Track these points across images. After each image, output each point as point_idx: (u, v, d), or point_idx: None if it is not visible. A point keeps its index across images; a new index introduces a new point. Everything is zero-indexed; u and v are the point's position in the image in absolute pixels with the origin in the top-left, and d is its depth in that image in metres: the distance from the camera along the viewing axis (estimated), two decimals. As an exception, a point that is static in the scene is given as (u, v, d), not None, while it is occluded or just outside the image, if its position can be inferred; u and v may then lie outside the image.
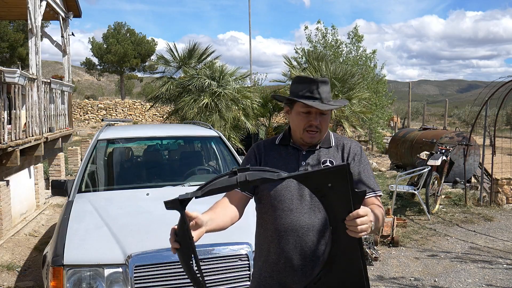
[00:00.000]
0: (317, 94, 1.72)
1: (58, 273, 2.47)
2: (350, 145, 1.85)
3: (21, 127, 6.54)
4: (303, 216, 1.72)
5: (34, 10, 7.70)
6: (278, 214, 1.74)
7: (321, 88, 1.73)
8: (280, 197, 1.75)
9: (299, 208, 1.73)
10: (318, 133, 1.76)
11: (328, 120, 1.79)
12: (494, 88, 7.52)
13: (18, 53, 27.33)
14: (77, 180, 3.70)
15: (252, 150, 1.92)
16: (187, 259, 1.39)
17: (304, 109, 1.74)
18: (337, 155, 1.83)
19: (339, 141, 1.87)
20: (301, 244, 1.71)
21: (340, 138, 1.90)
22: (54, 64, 64.82)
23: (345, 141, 1.88)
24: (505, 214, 7.09)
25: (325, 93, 1.73)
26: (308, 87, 1.73)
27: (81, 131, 21.56)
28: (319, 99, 1.72)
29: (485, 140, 8.01)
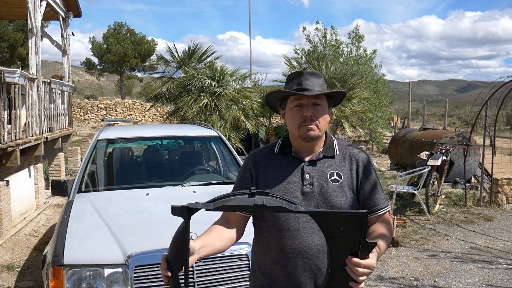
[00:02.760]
0: (306, 85, 1.61)
1: (58, 273, 2.46)
2: (359, 156, 1.69)
3: (21, 127, 6.54)
4: (311, 236, 1.58)
5: (34, 10, 7.70)
6: (283, 234, 1.60)
7: (311, 80, 1.62)
8: (285, 215, 1.60)
9: (307, 227, 1.58)
10: (315, 126, 1.61)
11: (324, 112, 1.64)
12: (494, 88, 7.52)
13: (18, 53, 27.33)
14: (77, 180, 3.70)
15: (247, 164, 1.75)
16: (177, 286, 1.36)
17: (294, 103, 1.63)
18: (345, 166, 1.67)
19: (345, 150, 1.71)
20: (310, 267, 1.58)
21: (346, 145, 1.74)
22: (54, 64, 64.82)
23: (352, 150, 1.72)
24: (505, 214, 7.09)
25: (316, 85, 1.62)
26: (297, 81, 1.64)
27: (81, 131, 21.56)
28: (309, 90, 1.60)
29: (485, 140, 8.01)
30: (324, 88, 1.65)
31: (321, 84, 1.66)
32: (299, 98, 1.61)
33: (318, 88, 1.62)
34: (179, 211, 1.25)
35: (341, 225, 1.24)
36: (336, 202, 1.59)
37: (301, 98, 1.61)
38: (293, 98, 1.63)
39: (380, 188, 1.69)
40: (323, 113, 1.63)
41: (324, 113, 1.64)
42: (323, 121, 1.64)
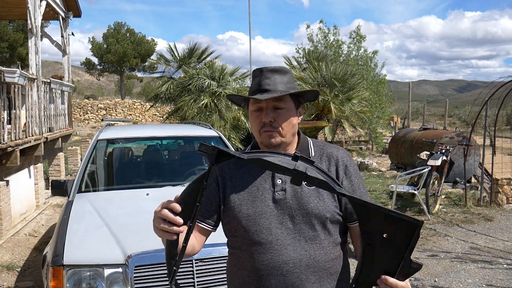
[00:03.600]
0: (266, 85, 1.41)
1: (58, 273, 2.46)
2: (338, 155, 1.49)
3: (21, 127, 6.54)
4: (286, 249, 1.38)
5: (34, 10, 7.69)
6: (254, 248, 1.40)
7: (272, 79, 1.41)
8: (255, 227, 1.40)
9: (280, 238, 1.38)
10: (275, 132, 1.42)
11: (287, 116, 1.44)
12: (494, 88, 7.52)
13: (18, 53, 27.34)
14: (77, 180, 3.70)
15: (213, 173, 1.53)
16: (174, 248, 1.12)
17: (254, 106, 1.44)
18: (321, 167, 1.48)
19: (322, 150, 1.51)
20: (286, 285, 1.37)
21: (323, 145, 1.54)
22: (54, 64, 64.82)
23: (330, 149, 1.52)
24: (505, 214, 7.09)
25: (279, 85, 1.41)
26: (257, 80, 1.44)
27: (81, 131, 21.56)
28: (269, 92, 1.40)
29: (485, 140, 8.01)
30: (290, 87, 1.44)
31: (286, 81, 1.44)
32: (257, 101, 1.42)
33: (281, 88, 1.41)
34: (207, 151, 1.04)
35: (387, 230, 1.01)
36: (313, 208, 1.39)
37: (259, 101, 1.42)
38: (252, 101, 1.45)
39: (364, 191, 1.50)
40: (287, 117, 1.43)
41: (288, 117, 1.43)
42: (287, 126, 1.43)
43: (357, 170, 1.52)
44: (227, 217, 1.46)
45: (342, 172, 1.48)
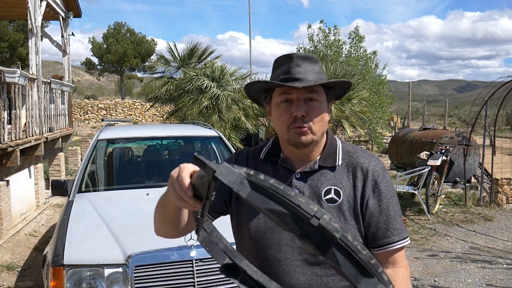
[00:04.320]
0: (297, 73, 1.20)
1: (58, 273, 2.47)
2: (369, 167, 1.26)
3: (21, 127, 6.54)
4: (294, 271, 1.22)
5: (34, 10, 7.70)
6: (261, 264, 1.24)
7: (303, 66, 1.21)
8: (264, 241, 1.24)
9: (290, 258, 1.22)
10: (307, 129, 1.21)
11: (320, 110, 1.23)
12: (494, 88, 7.52)
13: (18, 53, 27.34)
14: (77, 180, 3.70)
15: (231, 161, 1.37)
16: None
17: (282, 97, 1.22)
18: (347, 181, 1.26)
19: (351, 158, 1.29)
20: None
21: (354, 152, 1.31)
22: (54, 64, 64.84)
23: (361, 158, 1.28)
24: (505, 214, 7.09)
25: (310, 74, 1.21)
26: (285, 67, 1.23)
27: (81, 131, 21.56)
28: (300, 81, 1.19)
29: (485, 140, 8.01)
30: (321, 77, 1.24)
31: (318, 71, 1.24)
32: (287, 91, 1.21)
33: (313, 77, 1.21)
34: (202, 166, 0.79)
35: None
36: None
37: (289, 91, 1.21)
38: (279, 91, 1.23)
39: (395, 213, 1.25)
40: (320, 111, 1.23)
41: (321, 111, 1.23)
42: (320, 122, 1.23)
43: (389, 187, 1.27)
44: (236, 223, 1.33)
45: (370, 189, 1.25)
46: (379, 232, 1.23)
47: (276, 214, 0.61)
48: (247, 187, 0.65)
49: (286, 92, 1.22)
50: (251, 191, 0.64)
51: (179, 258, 2.47)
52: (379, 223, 1.23)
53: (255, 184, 0.64)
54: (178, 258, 2.47)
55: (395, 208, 1.26)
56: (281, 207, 0.60)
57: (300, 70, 1.21)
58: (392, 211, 1.25)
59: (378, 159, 1.33)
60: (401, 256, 1.25)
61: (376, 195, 1.24)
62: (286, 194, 0.60)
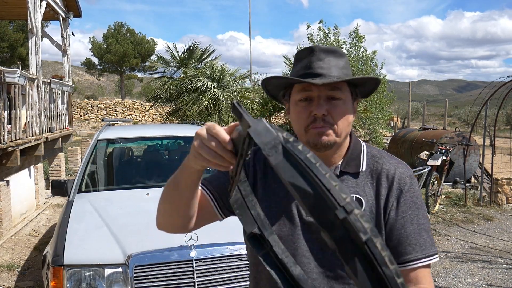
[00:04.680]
0: (318, 68, 1.08)
1: (58, 273, 2.47)
2: (395, 174, 1.13)
3: (21, 127, 6.54)
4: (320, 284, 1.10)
5: (34, 10, 7.70)
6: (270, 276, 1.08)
7: (326, 61, 1.09)
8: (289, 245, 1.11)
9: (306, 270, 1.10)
10: (329, 129, 1.08)
11: (344, 110, 1.10)
12: (494, 88, 7.52)
13: (18, 53, 27.35)
14: (77, 180, 3.71)
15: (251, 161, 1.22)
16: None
17: (301, 95, 1.10)
18: (370, 189, 1.13)
19: (376, 164, 1.16)
20: None
21: (379, 157, 1.18)
22: (54, 64, 64.86)
23: (387, 164, 1.16)
24: (505, 214, 7.09)
25: (334, 69, 1.09)
26: (305, 62, 1.11)
27: (81, 131, 21.56)
28: (322, 76, 1.07)
29: (485, 140, 8.01)
30: (346, 73, 1.11)
31: (343, 66, 1.12)
32: (307, 88, 1.09)
33: (336, 73, 1.09)
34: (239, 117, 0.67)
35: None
36: None
37: (309, 88, 1.09)
38: (298, 88, 1.11)
39: (420, 227, 1.11)
40: (344, 111, 1.10)
41: (345, 111, 1.11)
42: (344, 123, 1.11)
43: (416, 198, 1.13)
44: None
45: (394, 198, 1.11)
46: (400, 248, 1.10)
47: (301, 192, 0.52)
48: (279, 154, 0.55)
49: (306, 89, 1.10)
50: (282, 159, 0.54)
51: (179, 258, 2.47)
52: (400, 237, 1.10)
53: (289, 153, 0.55)
54: (178, 258, 2.47)
55: (421, 221, 1.12)
56: (309, 186, 0.51)
57: (322, 65, 1.09)
58: (417, 224, 1.11)
59: (407, 166, 1.19)
60: (425, 276, 1.10)
61: (400, 206, 1.11)
62: (319, 173, 0.51)
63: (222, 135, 0.78)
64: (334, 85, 1.08)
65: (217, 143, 0.78)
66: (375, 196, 1.12)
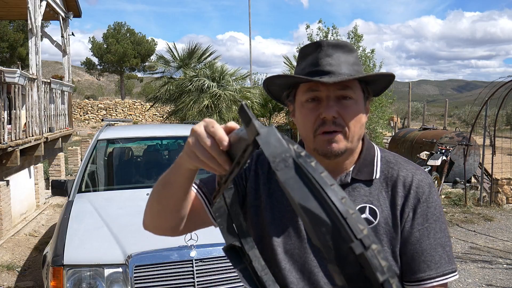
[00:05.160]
0: (327, 66, 0.98)
1: (58, 273, 2.47)
2: (413, 182, 1.03)
3: (21, 127, 6.54)
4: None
5: (34, 10, 7.70)
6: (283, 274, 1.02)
7: (335, 57, 0.99)
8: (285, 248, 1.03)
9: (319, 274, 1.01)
10: (340, 134, 0.98)
11: (357, 111, 1.00)
12: (494, 88, 7.52)
13: (18, 53, 27.35)
14: (77, 180, 3.71)
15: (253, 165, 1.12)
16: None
17: (308, 95, 1.00)
18: (385, 198, 1.03)
19: (391, 170, 1.06)
20: None
21: (395, 163, 1.08)
22: (54, 64, 64.87)
23: (404, 170, 1.05)
24: (505, 214, 7.09)
25: (344, 65, 0.99)
26: (312, 59, 1.01)
27: (81, 131, 21.57)
28: (331, 74, 0.97)
29: (485, 140, 8.01)
30: (357, 70, 1.01)
31: (353, 62, 1.01)
32: (314, 87, 0.99)
33: (347, 70, 0.99)
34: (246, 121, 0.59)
35: None
36: None
37: (317, 87, 0.99)
38: (305, 88, 1.01)
39: (437, 241, 1.01)
40: (356, 112, 1.00)
41: (358, 112, 1.00)
42: (356, 125, 0.99)
43: (435, 208, 1.02)
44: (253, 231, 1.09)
45: (410, 209, 1.01)
46: (413, 264, 0.99)
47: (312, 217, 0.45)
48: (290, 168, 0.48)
49: (313, 89, 0.99)
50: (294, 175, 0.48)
51: (179, 258, 2.47)
52: (414, 253, 0.99)
53: (301, 169, 0.48)
54: (178, 258, 2.47)
55: (438, 235, 1.01)
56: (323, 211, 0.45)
57: (331, 61, 0.98)
58: (433, 238, 1.00)
59: (426, 173, 1.08)
60: None
61: (416, 217, 1.00)
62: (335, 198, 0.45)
63: (219, 134, 0.70)
64: (345, 83, 0.98)
65: (213, 143, 0.71)
66: (390, 205, 1.02)
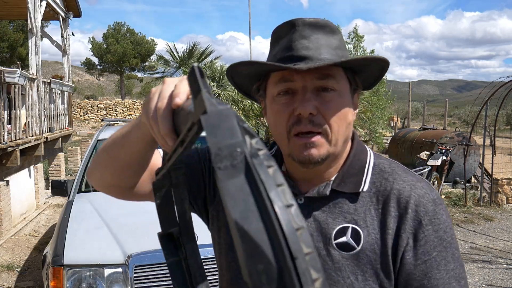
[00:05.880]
0: (302, 49, 0.77)
1: (58, 273, 2.47)
2: (409, 197, 0.79)
3: (21, 127, 6.54)
4: None
5: (34, 10, 7.70)
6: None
7: (312, 39, 0.78)
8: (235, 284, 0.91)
9: None
10: (320, 136, 0.77)
11: (341, 105, 0.79)
12: (494, 88, 7.52)
13: (18, 53, 27.35)
14: (77, 180, 3.71)
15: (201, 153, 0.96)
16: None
17: (279, 87, 0.79)
18: (374, 218, 0.80)
19: (384, 182, 0.82)
20: None
21: (390, 172, 0.83)
22: (54, 64, 64.89)
23: (399, 182, 0.81)
24: (505, 214, 7.09)
25: (324, 48, 0.78)
26: (285, 42, 0.80)
27: (81, 131, 21.57)
28: (307, 59, 0.76)
29: (485, 140, 8.01)
30: (342, 55, 0.80)
31: (336, 46, 0.81)
32: (287, 77, 0.79)
33: (328, 55, 0.78)
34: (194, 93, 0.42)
35: None
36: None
37: (290, 77, 0.78)
38: (276, 78, 0.80)
39: (449, 275, 0.77)
40: (339, 106, 0.79)
41: (342, 106, 0.79)
42: (340, 123, 0.79)
43: (444, 232, 0.78)
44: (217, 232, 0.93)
45: (409, 234, 0.77)
46: None
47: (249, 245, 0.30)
48: (237, 170, 0.32)
49: (286, 79, 0.78)
50: (240, 181, 0.32)
51: (179, 258, 2.47)
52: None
53: (251, 174, 0.32)
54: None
55: (451, 266, 0.77)
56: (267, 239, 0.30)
57: (308, 44, 0.78)
58: (445, 271, 0.76)
59: (429, 186, 0.83)
60: None
61: (419, 245, 0.77)
62: (289, 229, 0.30)
63: (178, 90, 0.54)
64: (324, 71, 0.77)
65: (167, 103, 0.55)
66: (379, 228, 0.78)
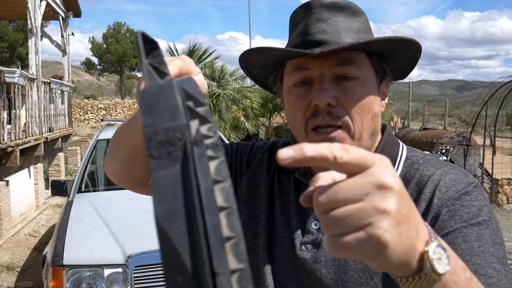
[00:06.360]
0: (318, 34, 0.70)
1: (58, 273, 2.46)
2: (439, 181, 0.69)
3: (21, 127, 6.54)
4: None
5: (34, 10, 7.70)
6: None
7: (331, 21, 0.71)
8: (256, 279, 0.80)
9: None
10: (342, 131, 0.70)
11: (364, 94, 0.70)
12: (494, 88, 7.53)
13: (18, 53, 27.37)
14: (77, 180, 3.70)
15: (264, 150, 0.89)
16: None
17: (295, 76, 0.73)
18: None
19: (414, 170, 0.74)
20: None
21: (422, 162, 0.75)
22: (54, 64, 64.91)
23: (429, 169, 0.72)
24: (505, 214, 7.08)
25: (344, 31, 0.71)
26: (302, 27, 0.73)
27: (81, 131, 21.57)
28: (325, 43, 0.69)
29: (485, 140, 8.01)
30: (365, 38, 0.71)
31: (358, 29, 0.73)
32: (303, 64, 0.72)
33: (349, 39, 0.71)
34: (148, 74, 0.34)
35: None
36: None
37: (306, 64, 0.71)
38: (291, 66, 0.74)
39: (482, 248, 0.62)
40: (362, 96, 0.71)
41: (366, 95, 0.71)
42: (364, 116, 0.71)
43: (479, 209, 0.66)
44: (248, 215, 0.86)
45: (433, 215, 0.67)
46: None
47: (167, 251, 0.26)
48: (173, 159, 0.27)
49: (301, 67, 0.71)
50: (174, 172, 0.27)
51: (179, 258, 2.47)
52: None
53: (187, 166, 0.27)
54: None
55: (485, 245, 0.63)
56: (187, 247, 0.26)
57: (325, 28, 0.70)
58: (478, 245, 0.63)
59: (466, 174, 0.73)
60: None
61: (441, 220, 0.66)
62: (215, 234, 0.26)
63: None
64: (344, 56, 0.69)
65: None
66: None
